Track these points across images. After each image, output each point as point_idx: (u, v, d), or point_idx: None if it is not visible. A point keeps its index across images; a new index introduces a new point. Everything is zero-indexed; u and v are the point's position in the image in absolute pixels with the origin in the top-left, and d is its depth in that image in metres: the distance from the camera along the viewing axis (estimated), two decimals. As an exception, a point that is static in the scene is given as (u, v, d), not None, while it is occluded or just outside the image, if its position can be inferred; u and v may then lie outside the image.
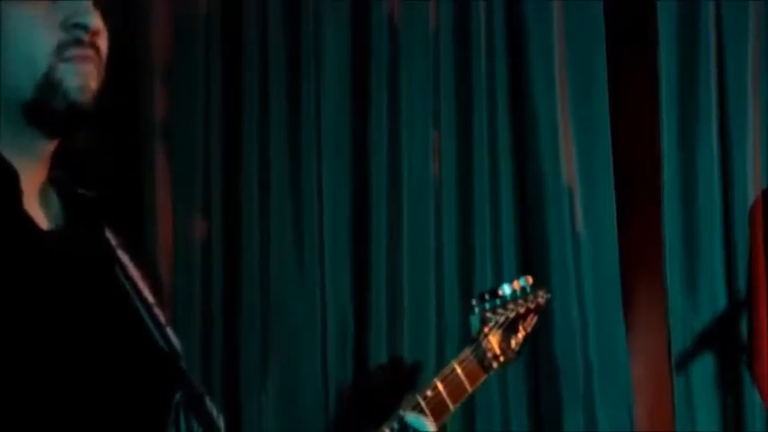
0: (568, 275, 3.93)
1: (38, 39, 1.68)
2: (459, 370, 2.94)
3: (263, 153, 3.72)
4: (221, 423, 1.69)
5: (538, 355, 3.94)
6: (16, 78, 1.69)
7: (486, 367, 3.02)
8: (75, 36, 1.70)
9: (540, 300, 3.16)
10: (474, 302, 3.07)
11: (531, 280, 3.15)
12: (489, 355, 3.00)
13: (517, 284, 3.08)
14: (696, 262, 3.96)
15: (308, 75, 3.76)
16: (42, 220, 1.75)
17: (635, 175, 4.04)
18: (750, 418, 3.90)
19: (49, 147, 1.77)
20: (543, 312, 3.23)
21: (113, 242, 1.77)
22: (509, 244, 3.94)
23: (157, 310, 1.74)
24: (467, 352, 2.97)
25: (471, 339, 3.03)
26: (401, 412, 2.90)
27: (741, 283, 3.95)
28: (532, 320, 3.10)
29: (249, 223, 3.71)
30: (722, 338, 3.93)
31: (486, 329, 2.98)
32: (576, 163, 4.00)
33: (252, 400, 3.58)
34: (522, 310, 3.08)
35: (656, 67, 4.02)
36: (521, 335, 3.06)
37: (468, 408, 3.84)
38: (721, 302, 3.95)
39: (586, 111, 4.03)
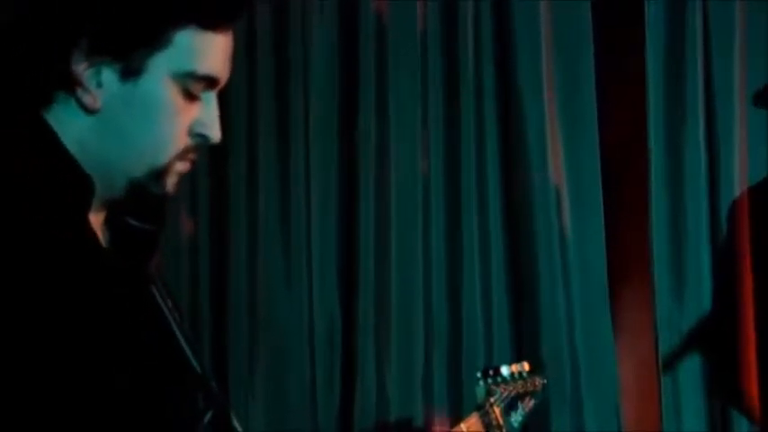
0: (556, 277, 3.94)
1: (172, 136, 1.79)
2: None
3: (251, 153, 3.71)
4: None
5: (525, 355, 3.93)
6: (137, 158, 1.78)
7: None
8: (197, 143, 1.80)
9: (537, 384, 3.27)
10: (479, 375, 3.18)
11: (527, 366, 3.28)
12: (494, 424, 3.10)
13: (516, 368, 3.22)
14: (683, 263, 3.96)
15: (297, 74, 3.76)
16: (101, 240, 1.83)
17: (622, 176, 4.04)
18: (737, 418, 3.91)
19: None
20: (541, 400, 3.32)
21: (152, 271, 1.85)
22: (497, 245, 3.94)
23: (190, 339, 1.82)
24: (474, 417, 3.09)
25: (478, 406, 3.13)
26: None
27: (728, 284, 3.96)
28: (530, 402, 3.22)
29: (237, 224, 3.71)
30: (709, 339, 3.93)
31: (492, 400, 3.09)
32: (563, 163, 4.00)
33: (239, 406, 3.57)
34: (521, 390, 3.20)
35: (643, 68, 4.02)
36: (520, 412, 3.17)
37: (457, 408, 3.85)
38: (708, 304, 3.95)
39: (574, 110, 4.03)
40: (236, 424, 1.78)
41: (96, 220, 1.82)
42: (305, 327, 3.74)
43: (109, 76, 1.76)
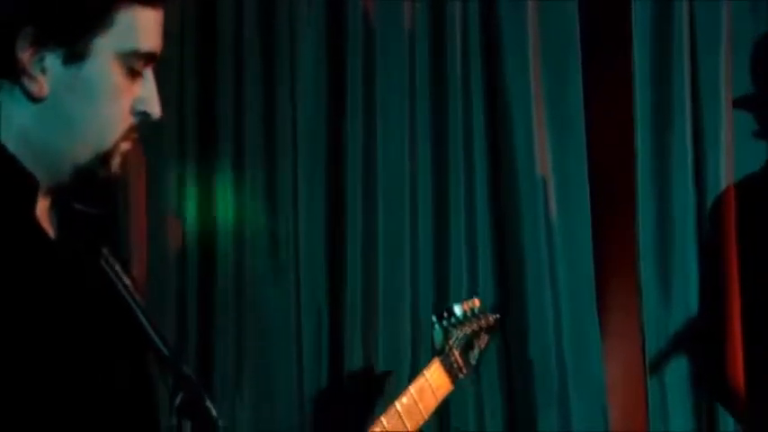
0: (543, 278, 3.94)
1: (115, 118, 1.80)
2: (430, 379, 3.05)
3: (238, 153, 3.71)
4: (220, 424, 1.75)
5: (512, 355, 3.94)
6: (81, 144, 1.79)
7: (453, 378, 3.14)
8: (139, 121, 1.82)
9: (491, 320, 3.27)
10: (434, 319, 3.17)
11: (478, 302, 3.27)
12: (455, 366, 3.10)
13: (467, 305, 3.23)
14: (670, 265, 3.97)
15: (284, 75, 3.75)
16: (49, 230, 1.83)
17: (609, 177, 4.04)
18: (723, 418, 3.91)
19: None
20: (494, 333, 3.31)
21: (108, 256, 1.84)
22: (484, 244, 3.95)
23: (153, 320, 1.80)
24: (436, 362, 3.08)
25: (439, 351, 3.12)
26: (382, 419, 2.97)
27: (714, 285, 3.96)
28: (485, 339, 3.24)
29: (224, 223, 3.70)
30: (696, 340, 3.94)
31: (450, 342, 3.09)
32: (550, 163, 4.01)
33: (226, 402, 3.56)
34: (476, 328, 3.21)
35: (630, 67, 4.02)
36: (476, 351, 3.18)
37: (443, 408, 3.84)
38: (695, 305, 3.95)
39: (561, 111, 4.03)
40: (209, 405, 1.76)
41: (42, 206, 1.82)
42: (292, 320, 3.74)
43: (52, 61, 1.75)
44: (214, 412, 1.75)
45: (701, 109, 4.04)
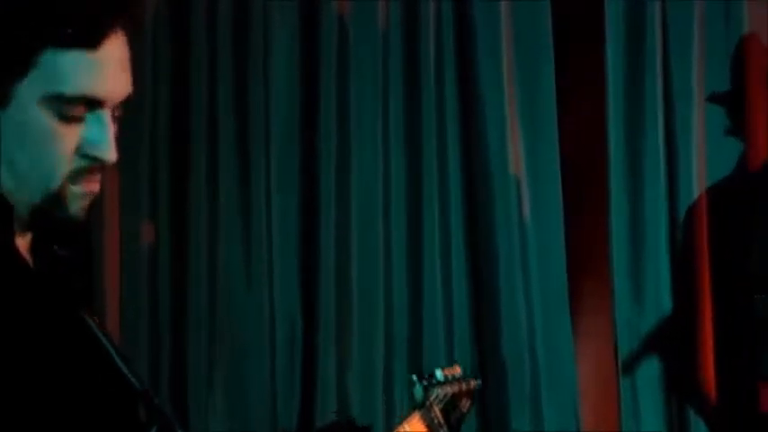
0: (516, 279, 3.95)
1: (55, 161, 1.74)
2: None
3: (211, 156, 3.71)
4: None
5: (485, 355, 3.95)
6: (27, 184, 1.75)
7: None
8: (90, 166, 1.76)
9: (472, 385, 3.27)
10: (414, 378, 3.13)
11: (458, 368, 3.25)
12: (435, 422, 3.06)
13: (448, 371, 3.17)
14: (642, 266, 3.98)
15: (257, 75, 3.76)
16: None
17: (582, 178, 4.05)
18: (694, 419, 3.94)
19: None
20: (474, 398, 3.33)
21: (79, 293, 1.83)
22: (458, 246, 3.96)
23: (124, 354, 1.79)
24: (416, 416, 3.03)
25: (419, 405, 3.06)
26: None
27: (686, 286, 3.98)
28: (467, 403, 3.19)
29: (197, 225, 3.70)
30: (668, 341, 3.96)
31: (431, 399, 3.06)
32: (524, 163, 4.01)
33: (200, 408, 3.57)
34: (457, 391, 3.16)
35: (602, 66, 4.03)
36: (458, 413, 3.15)
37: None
38: (667, 305, 3.98)
39: (534, 110, 4.04)
40: None
41: (23, 245, 1.80)
42: (266, 328, 3.76)
43: None
44: None
45: (673, 109, 4.04)
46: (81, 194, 1.77)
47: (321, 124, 3.83)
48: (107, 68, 1.74)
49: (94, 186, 1.78)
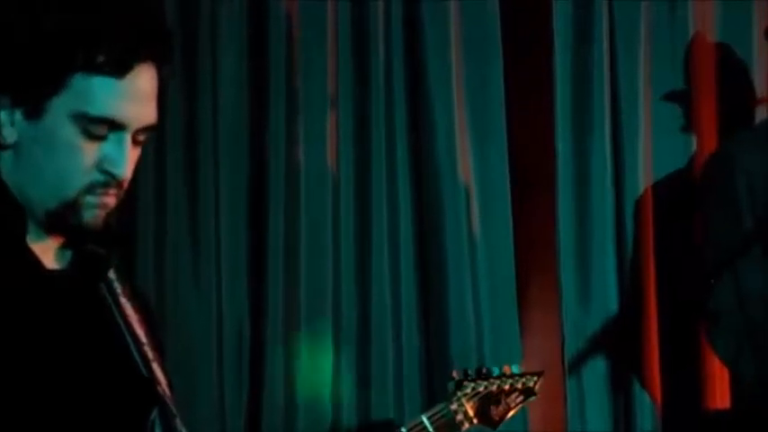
0: (464, 279, 3.96)
1: (74, 172, 1.94)
2: (427, 423, 3.13)
3: (159, 153, 3.71)
4: None
5: (432, 354, 3.96)
6: (48, 191, 1.95)
7: (454, 425, 3.20)
8: (105, 180, 1.95)
9: (530, 383, 3.34)
10: (454, 372, 3.27)
11: (521, 368, 3.37)
12: (459, 416, 3.18)
13: (508, 368, 3.30)
14: (589, 266, 4.01)
15: (205, 75, 3.77)
16: (51, 263, 2.01)
17: (530, 178, 4.08)
18: (640, 417, 3.97)
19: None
20: (531, 395, 3.36)
21: (119, 290, 2.06)
22: (406, 247, 3.97)
23: (147, 348, 2.05)
24: (436, 408, 3.18)
25: (445, 398, 3.20)
26: None
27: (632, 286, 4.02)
28: (518, 399, 3.31)
29: (145, 223, 3.70)
30: (614, 341, 3.99)
31: (459, 393, 3.19)
32: (472, 165, 4.03)
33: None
34: (506, 387, 3.28)
35: (551, 68, 4.05)
36: (502, 408, 3.27)
37: (364, 408, 3.88)
38: (613, 306, 4.01)
39: (482, 114, 4.05)
40: (179, 424, 2.06)
41: (49, 246, 2.00)
42: (213, 328, 3.76)
43: (18, 115, 1.94)
44: (183, 430, 2.05)
45: (620, 110, 4.08)
46: (94, 204, 1.95)
47: (270, 125, 3.83)
48: (131, 95, 1.94)
49: (109, 200, 1.97)
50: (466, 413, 3.20)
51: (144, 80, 1.95)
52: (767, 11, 4.06)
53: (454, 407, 3.19)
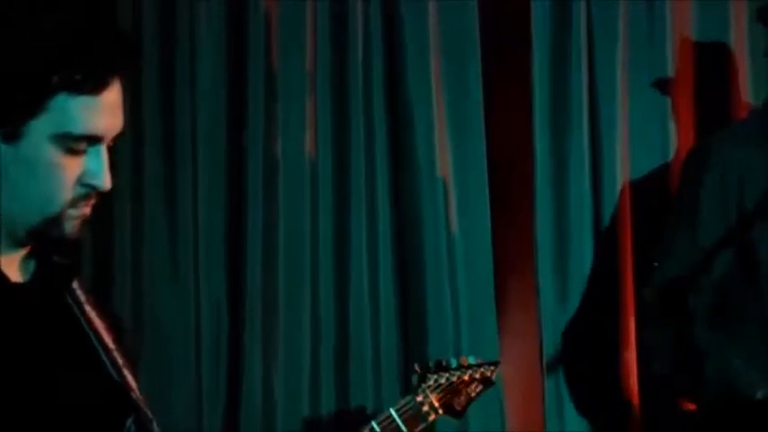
0: (442, 277, 3.96)
1: (58, 189, 1.98)
2: (396, 416, 3.26)
3: (137, 150, 3.72)
4: None
5: (410, 354, 3.96)
6: (31, 209, 1.99)
7: (421, 417, 3.32)
8: (87, 193, 2.00)
9: (487, 372, 3.44)
10: (416, 366, 3.38)
11: (479, 359, 3.49)
12: (425, 408, 3.29)
13: (464, 360, 3.43)
14: (567, 265, 4.00)
15: (183, 75, 3.80)
16: (15, 275, 2.05)
17: (508, 177, 4.07)
18: (617, 418, 3.97)
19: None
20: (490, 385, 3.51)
21: (83, 299, 2.10)
22: (385, 245, 3.97)
23: (116, 354, 2.08)
24: (403, 401, 3.31)
25: (409, 391, 3.33)
26: None
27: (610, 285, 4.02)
28: (477, 388, 3.44)
29: (122, 217, 3.70)
30: (592, 341, 4.00)
31: (423, 385, 3.31)
32: (450, 163, 4.03)
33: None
34: (466, 378, 3.40)
35: (529, 66, 4.05)
36: (464, 398, 3.40)
37: (344, 405, 3.88)
38: (591, 305, 4.01)
39: (461, 110, 4.05)
40: (155, 428, 2.11)
41: (13, 258, 2.04)
42: (191, 322, 3.79)
43: None
44: None
45: (598, 109, 4.07)
46: (75, 216, 2.01)
47: (248, 118, 3.83)
48: (107, 110, 1.99)
49: (87, 210, 2.03)
50: (431, 404, 3.31)
51: (115, 92, 2.00)
52: (743, 7, 4.06)
53: (420, 399, 3.30)
